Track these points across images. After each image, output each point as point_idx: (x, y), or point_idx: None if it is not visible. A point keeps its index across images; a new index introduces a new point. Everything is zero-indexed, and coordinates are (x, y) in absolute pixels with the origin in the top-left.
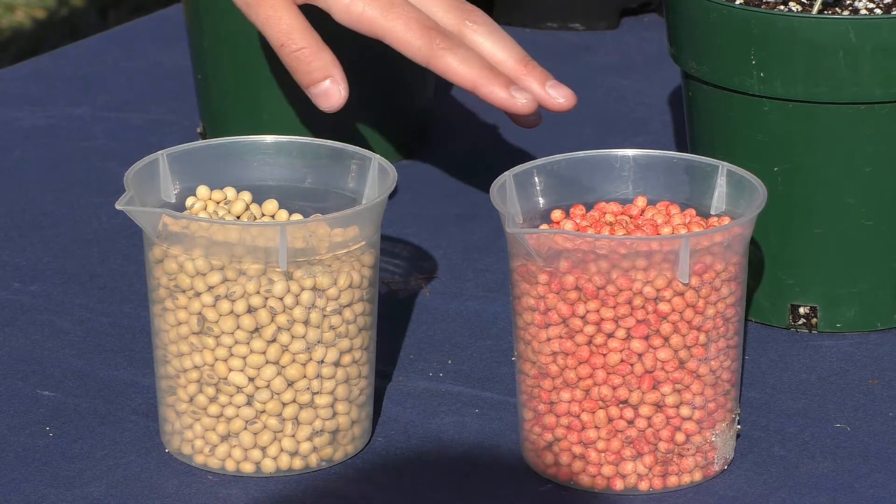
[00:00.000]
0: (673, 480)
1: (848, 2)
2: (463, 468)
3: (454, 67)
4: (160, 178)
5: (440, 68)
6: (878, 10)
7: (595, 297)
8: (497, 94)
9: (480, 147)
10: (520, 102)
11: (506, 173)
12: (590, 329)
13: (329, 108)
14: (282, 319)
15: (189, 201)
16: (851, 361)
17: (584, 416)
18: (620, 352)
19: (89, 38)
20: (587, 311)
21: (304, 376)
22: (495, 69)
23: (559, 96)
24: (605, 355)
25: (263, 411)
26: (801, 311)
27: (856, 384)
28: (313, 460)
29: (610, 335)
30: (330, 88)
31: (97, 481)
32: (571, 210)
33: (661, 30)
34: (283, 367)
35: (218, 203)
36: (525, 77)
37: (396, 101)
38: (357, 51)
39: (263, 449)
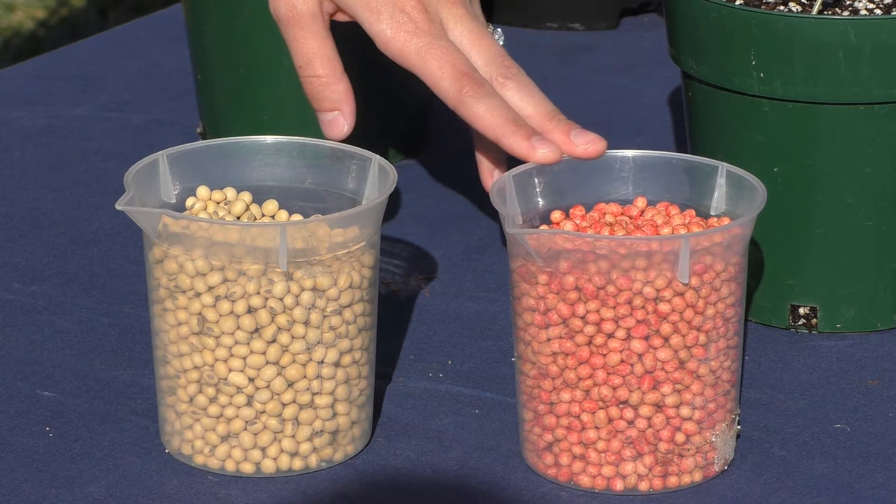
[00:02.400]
0: (673, 481)
1: (848, 2)
2: (463, 468)
3: (479, 115)
4: (160, 178)
5: (465, 115)
6: (878, 11)
7: (595, 297)
8: (519, 145)
9: None
10: (539, 153)
11: (506, 174)
12: (590, 329)
13: (331, 138)
14: (282, 320)
15: (189, 201)
16: (851, 361)
17: (585, 417)
18: (620, 352)
19: (89, 38)
20: (587, 312)
21: (304, 377)
22: (520, 121)
23: (583, 143)
24: (605, 356)
25: (263, 412)
26: (801, 311)
27: (856, 384)
28: (313, 461)
29: (610, 335)
30: (335, 120)
31: (97, 481)
32: (571, 211)
33: (661, 30)
34: (283, 367)
35: (218, 203)
36: (550, 131)
37: (396, 101)
38: (358, 51)
39: (263, 449)
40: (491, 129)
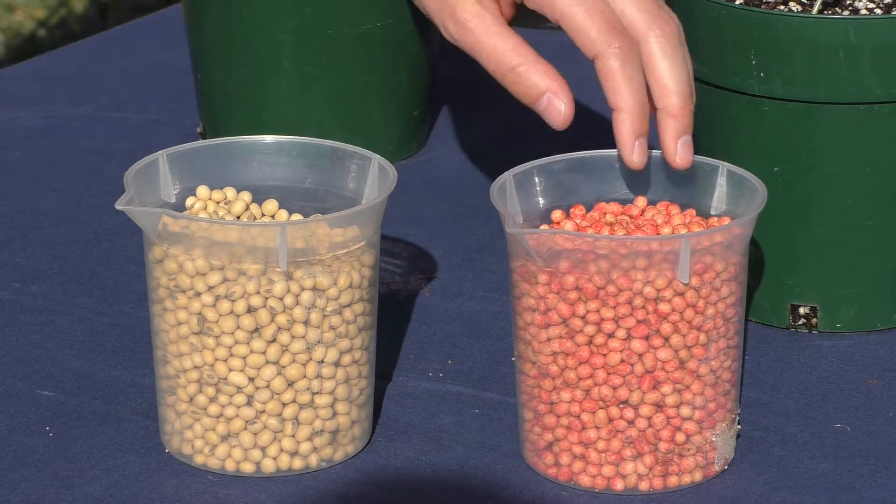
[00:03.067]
0: (673, 480)
1: (848, 2)
2: (463, 468)
3: (615, 79)
4: (160, 178)
5: (602, 70)
6: (878, 10)
7: (595, 297)
8: (625, 133)
9: (480, 147)
10: (633, 158)
11: (506, 173)
12: (590, 329)
13: (555, 125)
14: (282, 319)
15: (189, 201)
16: (851, 361)
17: (585, 417)
18: (621, 352)
19: (89, 38)
20: (587, 312)
21: (304, 376)
22: (645, 107)
23: (682, 160)
24: (605, 355)
25: (263, 411)
26: (801, 311)
27: (856, 384)
28: (313, 460)
29: (610, 335)
30: (549, 104)
31: (97, 481)
32: (571, 210)
33: None
34: (283, 367)
35: (218, 203)
36: (672, 119)
37: (397, 101)
38: (357, 51)
39: (263, 449)
40: (616, 99)
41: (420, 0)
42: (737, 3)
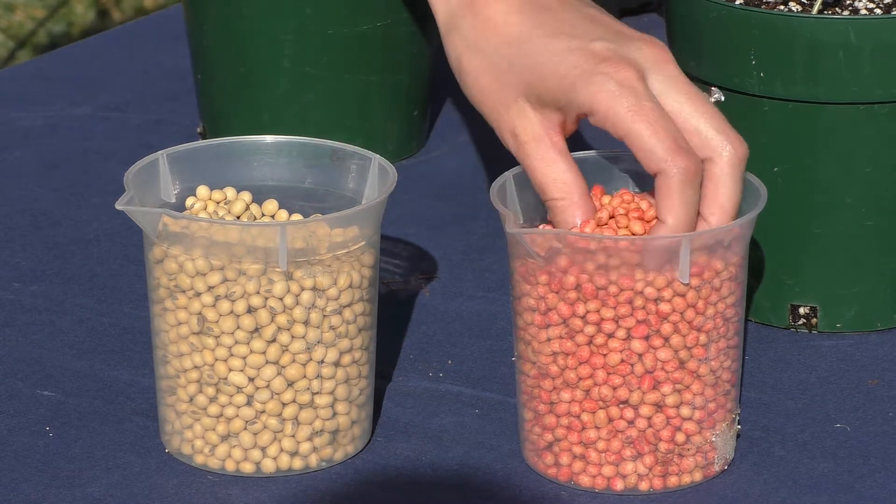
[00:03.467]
0: (673, 481)
1: (848, 2)
2: (463, 468)
3: (673, 197)
4: (160, 178)
5: (663, 186)
6: (878, 10)
7: (595, 297)
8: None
9: (481, 147)
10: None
11: (506, 173)
12: (590, 329)
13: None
14: (282, 319)
15: (189, 201)
16: (851, 361)
17: (585, 417)
18: (621, 352)
19: (89, 38)
20: (587, 312)
21: (304, 376)
22: (690, 229)
23: None
24: (605, 355)
25: (263, 411)
26: (801, 311)
27: (856, 384)
28: (313, 460)
29: (610, 335)
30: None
31: (97, 481)
32: None
33: (661, 30)
34: (283, 367)
35: (218, 203)
36: (707, 227)
37: (397, 101)
38: (358, 50)
39: (263, 449)
40: (669, 215)
41: (479, 105)
42: (737, 3)
